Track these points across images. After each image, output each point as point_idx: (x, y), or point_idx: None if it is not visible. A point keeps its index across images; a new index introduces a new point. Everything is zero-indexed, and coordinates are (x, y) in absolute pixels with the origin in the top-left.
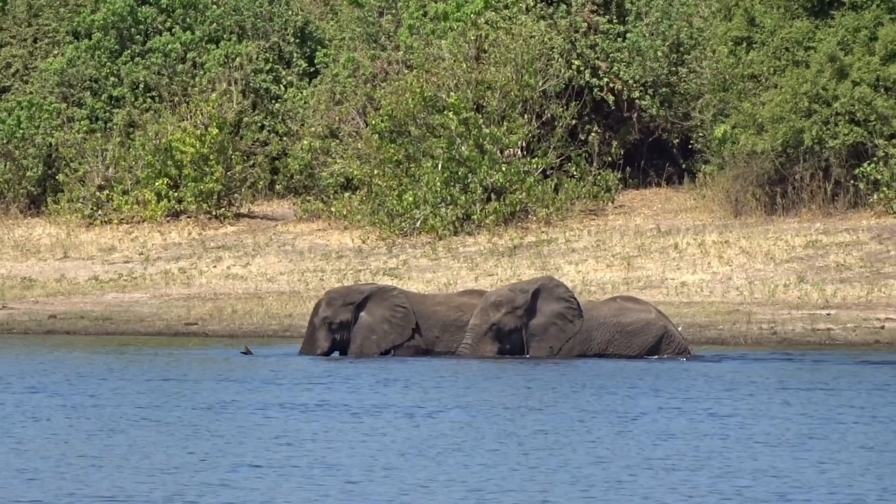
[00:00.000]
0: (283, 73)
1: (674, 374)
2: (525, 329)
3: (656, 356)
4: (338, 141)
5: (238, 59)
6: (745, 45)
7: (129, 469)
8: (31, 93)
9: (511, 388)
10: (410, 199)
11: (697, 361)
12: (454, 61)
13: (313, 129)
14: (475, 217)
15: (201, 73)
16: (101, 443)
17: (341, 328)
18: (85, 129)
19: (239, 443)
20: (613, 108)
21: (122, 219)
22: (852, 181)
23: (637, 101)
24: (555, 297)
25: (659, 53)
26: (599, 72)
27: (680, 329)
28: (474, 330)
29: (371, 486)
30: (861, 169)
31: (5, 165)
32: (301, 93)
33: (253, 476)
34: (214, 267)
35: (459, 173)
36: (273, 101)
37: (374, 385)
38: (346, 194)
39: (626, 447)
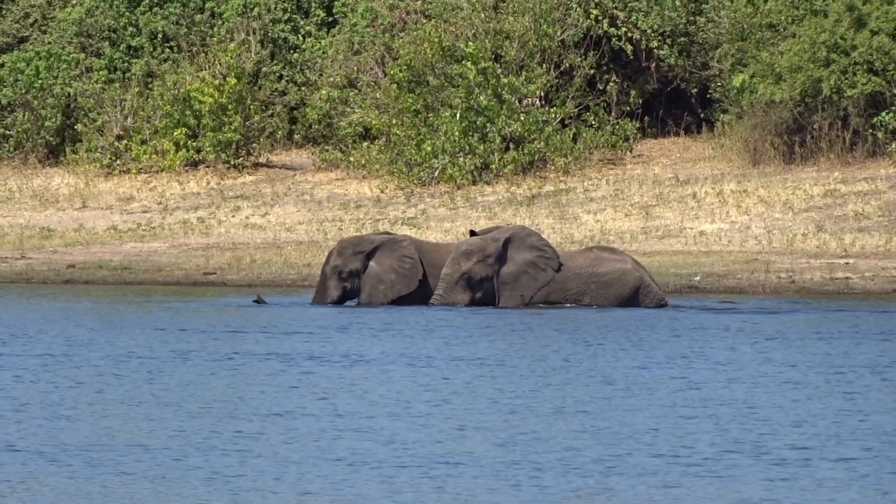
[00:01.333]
0: (302, 22)
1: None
2: (496, 277)
3: (633, 307)
4: (356, 91)
5: (256, 9)
6: None
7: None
8: (49, 43)
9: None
10: (429, 148)
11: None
12: (472, 11)
13: (331, 78)
14: (493, 166)
15: (219, 23)
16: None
17: (351, 277)
18: (103, 79)
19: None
20: (632, 57)
21: (141, 168)
22: (870, 130)
23: (655, 50)
24: (527, 246)
25: (677, 2)
26: (618, 21)
27: (697, 279)
28: (445, 279)
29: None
30: (879, 118)
31: (24, 115)
32: (319, 42)
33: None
34: (233, 216)
35: (478, 123)
36: (291, 51)
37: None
38: (365, 144)
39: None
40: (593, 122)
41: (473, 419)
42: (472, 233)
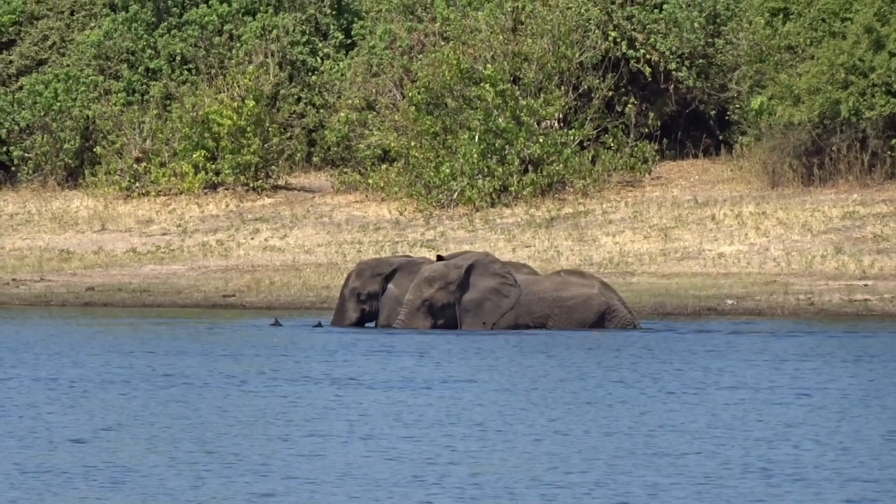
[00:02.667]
0: (320, 45)
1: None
2: (458, 304)
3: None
4: (375, 113)
5: (275, 31)
6: (781, 15)
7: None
8: (68, 65)
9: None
10: (447, 170)
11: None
12: (491, 33)
13: (350, 101)
14: (512, 188)
15: (238, 45)
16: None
17: (370, 299)
18: (122, 101)
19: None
20: (650, 79)
21: (160, 191)
22: (889, 152)
23: (674, 72)
24: (489, 273)
25: (696, 24)
26: (636, 43)
27: (731, 304)
28: (408, 305)
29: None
30: None
31: (43, 138)
32: (338, 65)
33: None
34: (252, 239)
35: (496, 145)
36: (310, 74)
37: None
38: (384, 166)
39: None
40: (612, 145)
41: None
42: (440, 258)
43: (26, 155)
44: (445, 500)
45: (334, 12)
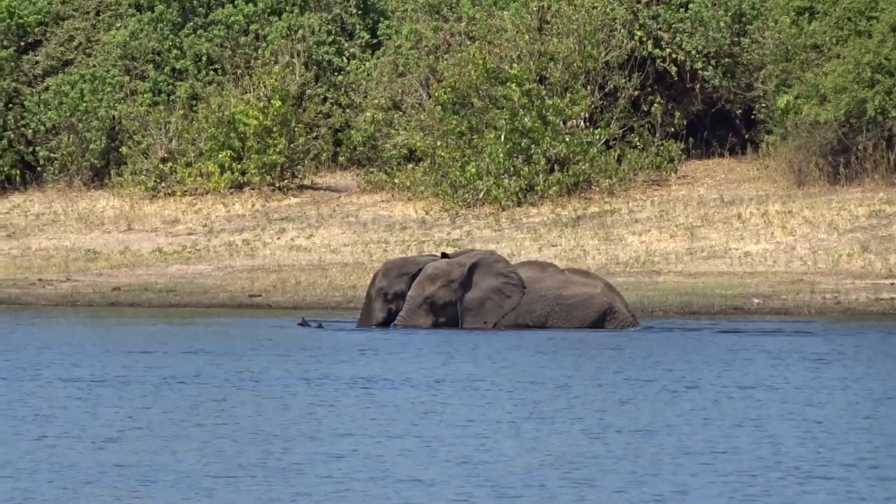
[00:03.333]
0: (346, 44)
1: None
2: (460, 303)
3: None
4: (401, 113)
5: (300, 31)
6: (807, 14)
7: None
8: (93, 66)
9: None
10: (473, 170)
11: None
12: (517, 32)
13: (376, 100)
14: (538, 188)
15: (264, 45)
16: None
17: (396, 298)
18: (148, 101)
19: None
20: (676, 78)
21: (186, 191)
22: None
23: (700, 71)
24: (493, 273)
25: (721, 24)
26: (662, 42)
27: (757, 303)
28: (409, 302)
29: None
30: None
31: (69, 138)
32: (364, 65)
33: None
34: (278, 238)
35: (522, 144)
36: (336, 73)
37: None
38: (410, 166)
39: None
40: (638, 144)
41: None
42: (444, 255)
43: (52, 155)
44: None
45: (360, 12)
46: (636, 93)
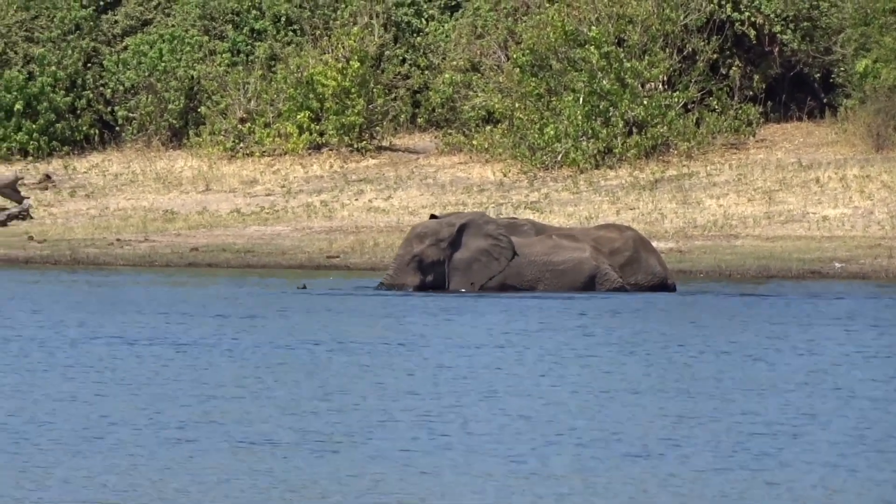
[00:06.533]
0: (425, 6)
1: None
2: (448, 262)
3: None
4: (479, 74)
5: None
6: None
7: None
8: (172, 26)
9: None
10: (552, 132)
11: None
12: None
13: (455, 62)
14: (616, 151)
15: (343, 6)
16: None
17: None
18: (227, 62)
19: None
20: (755, 42)
21: (264, 151)
22: None
23: (778, 35)
24: (482, 234)
25: None
26: (741, 6)
27: (839, 266)
28: (397, 260)
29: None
30: None
31: (147, 98)
32: (442, 26)
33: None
34: (356, 200)
35: (601, 107)
36: (415, 35)
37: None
38: (488, 128)
39: None
40: (716, 107)
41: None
42: (433, 216)
43: (131, 115)
44: None
45: None
46: (714, 56)
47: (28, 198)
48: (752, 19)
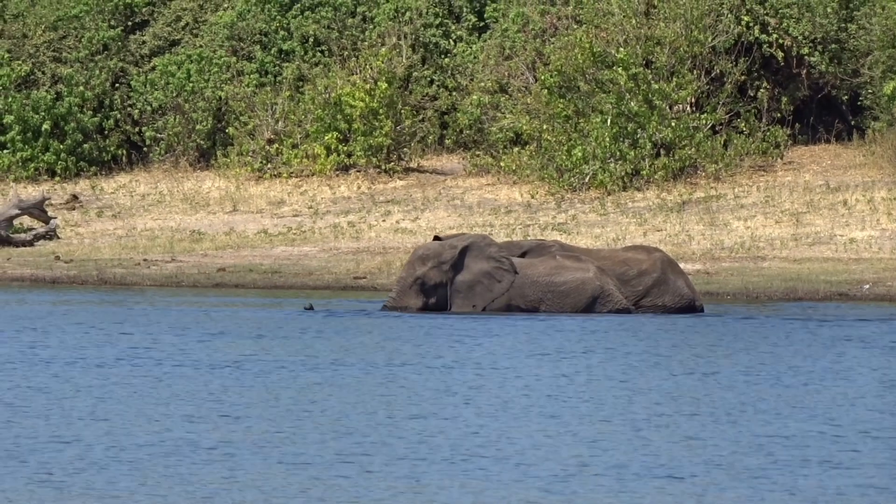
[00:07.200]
0: (453, 27)
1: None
2: (450, 284)
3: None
4: (507, 96)
5: (408, 14)
6: None
7: None
8: (200, 46)
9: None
10: (579, 154)
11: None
12: (623, 16)
13: (482, 84)
14: (644, 172)
15: (371, 27)
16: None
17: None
18: (254, 82)
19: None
20: (782, 64)
21: (292, 172)
22: None
23: (806, 57)
24: (484, 256)
25: (828, 9)
26: (769, 27)
27: (867, 288)
28: (400, 282)
29: None
30: None
31: (175, 119)
32: (470, 47)
33: None
34: (383, 221)
35: (628, 129)
36: (442, 56)
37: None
38: (516, 149)
39: None
40: (744, 129)
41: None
42: (437, 238)
43: (158, 135)
44: None
45: None
46: (742, 78)
47: (55, 218)
48: (781, 41)
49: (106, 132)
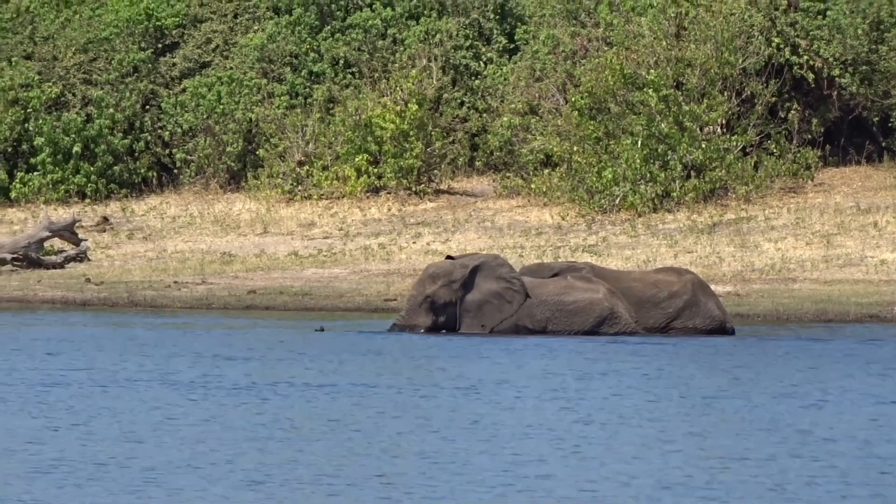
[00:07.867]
0: (483, 49)
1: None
2: (460, 304)
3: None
4: (537, 118)
5: (438, 36)
6: None
7: None
8: (231, 68)
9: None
10: (610, 175)
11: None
12: (654, 38)
13: (513, 105)
14: (674, 194)
15: (401, 49)
16: None
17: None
18: (285, 104)
19: None
20: (813, 85)
21: (322, 194)
22: None
23: (837, 78)
24: (495, 276)
25: (859, 31)
26: (799, 49)
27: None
28: (410, 301)
29: None
30: None
31: (205, 141)
32: (501, 69)
33: None
34: (414, 243)
35: (659, 150)
36: (473, 78)
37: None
38: (546, 171)
39: None
40: (774, 151)
41: None
42: (449, 258)
43: (189, 157)
44: None
45: (498, 17)
46: (773, 99)
47: (86, 240)
48: (811, 63)
49: (136, 154)
